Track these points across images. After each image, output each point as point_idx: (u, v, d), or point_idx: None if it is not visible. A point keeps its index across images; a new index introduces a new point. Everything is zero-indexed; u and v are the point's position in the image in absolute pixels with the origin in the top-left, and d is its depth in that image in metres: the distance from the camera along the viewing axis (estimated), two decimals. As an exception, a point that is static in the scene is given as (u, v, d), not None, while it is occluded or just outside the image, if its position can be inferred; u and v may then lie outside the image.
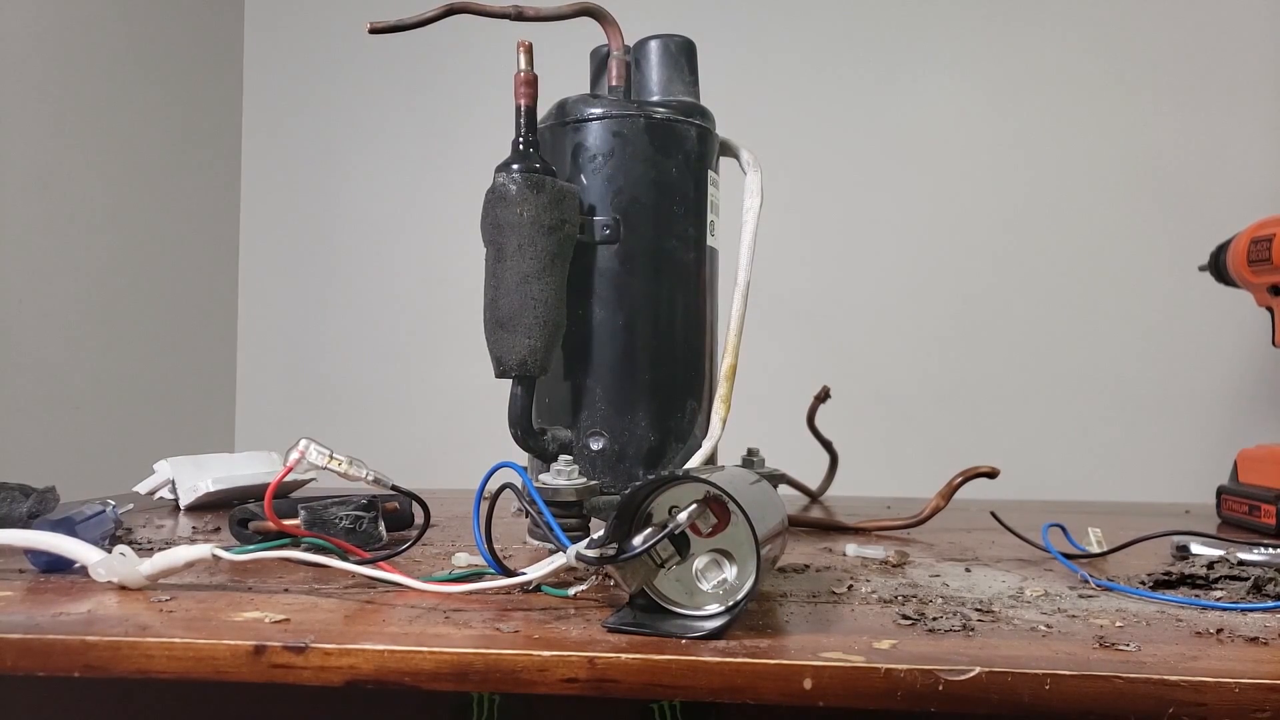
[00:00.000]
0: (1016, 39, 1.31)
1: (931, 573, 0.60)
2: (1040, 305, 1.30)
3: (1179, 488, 1.18)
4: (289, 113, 1.49)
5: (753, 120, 1.14)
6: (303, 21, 1.49)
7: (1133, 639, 0.44)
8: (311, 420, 1.45)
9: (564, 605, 0.49)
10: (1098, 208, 1.29)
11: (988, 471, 0.78)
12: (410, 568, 0.58)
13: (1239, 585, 0.54)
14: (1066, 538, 0.69)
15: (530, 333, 0.61)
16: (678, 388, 0.68)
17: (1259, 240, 0.90)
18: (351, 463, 0.56)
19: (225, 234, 1.48)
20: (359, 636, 0.42)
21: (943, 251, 1.32)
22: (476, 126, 1.41)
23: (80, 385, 1.20)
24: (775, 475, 0.79)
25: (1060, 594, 0.54)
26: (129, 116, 1.28)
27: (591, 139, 0.66)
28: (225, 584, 0.54)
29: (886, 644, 0.42)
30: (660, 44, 0.71)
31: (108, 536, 0.62)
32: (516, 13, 0.69)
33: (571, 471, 0.60)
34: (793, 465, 0.93)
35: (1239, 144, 1.26)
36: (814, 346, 1.33)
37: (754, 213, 0.70)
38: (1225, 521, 0.89)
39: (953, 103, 1.32)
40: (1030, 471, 1.22)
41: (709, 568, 0.47)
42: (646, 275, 0.66)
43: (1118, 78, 1.29)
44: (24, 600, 0.50)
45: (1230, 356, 1.25)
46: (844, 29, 1.35)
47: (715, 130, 0.71)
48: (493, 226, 0.62)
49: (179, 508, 0.87)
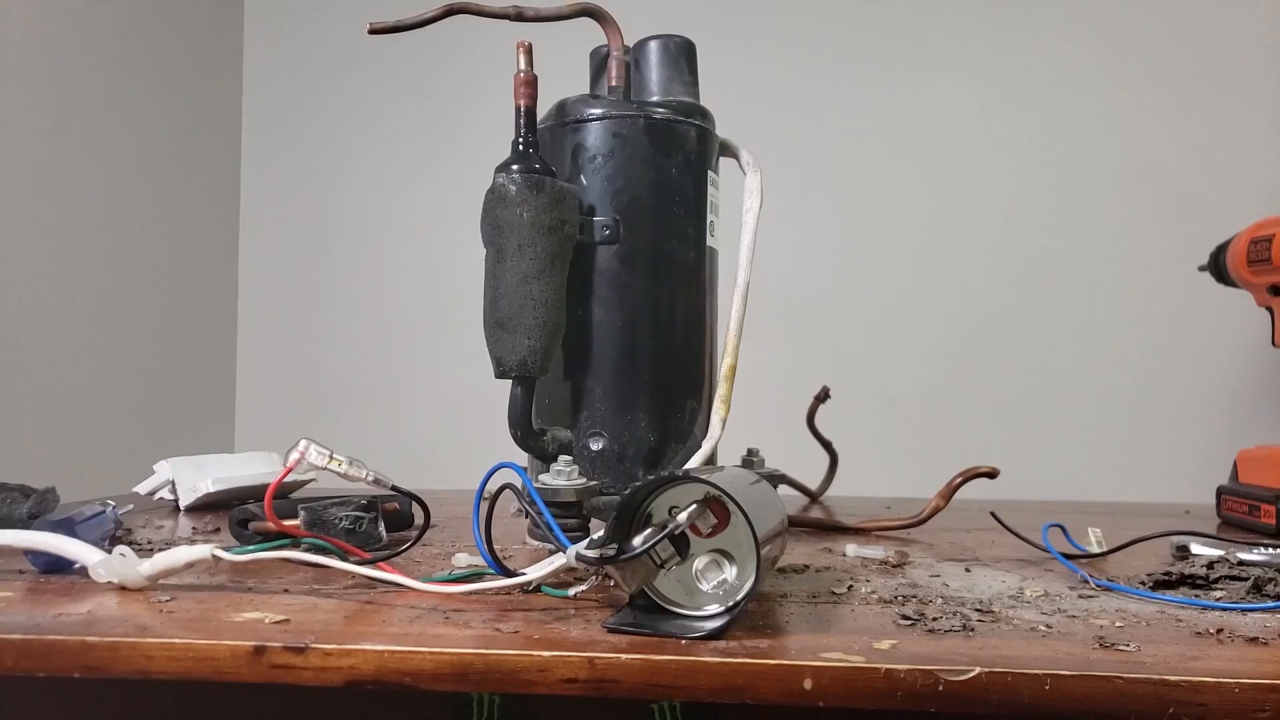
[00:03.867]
0: (1016, 40, 1.32)
1: (931, 573, 0.60)
2: (1040, 306, 1.30)
3: (1179, 488, 1.18)
4: (289, 113, 1.49)
5: (752, 120, 1.15)
6: (302, 22, 1.49)
7: (1133, 639, 0.44)
8: (311, 421, 1.45)
9: (564, 606, 0.49)
10: (1097, 208, 1.29)
11: (987, 472, 0.78)
12: (410, 568, 0.58)
13: (1239, 585, 0.54)
14: (1066, 538, 0.69)
15: (530, 333, 0.61)
16: (677, 388, 0.68)
17: (1259, 240, 0.90)
18: (351, 463, 0.56)
19: (225, 234, 1.48)
20: (359, 637, 0.43)
21: (942, 252, 1.32)
22: (476, 127, 1.41)
23: (80, 386, 1.20)
24: (775, 475, 0.79)
25: (1060, 594, 0.54)
26: (129, 118, 1.28)
27: (591, 139, 0.66)
28: (225, 584, 0.54)
29: (886, 644, 0.42)
30: (660, 44, 0.71)
31: (108, 537, 0.63)
32: (516, 13, 0.69)
33: (571, 472, 0.60)
34: (792, 465, 0.93)
35: (1239, 144, 1.26)
36: (814, 346, 1.33)
37: (754, 213, 0.70)
38: (1225, 521, 0.89)
39: (952, 103, 1.32)
40: (1030, 472, 1.22)
41: (709, 568, 0.47)
42: (646, 275, 0.66)
43: (1117, 78, 1.29)
44: (24, 601, 0.50)
45: (1230, 357, 1.25)
46: (844, 30, 1.35)
47: (715, 131, 0.71)
48: (492, 227, 0.62)
49: (179, 508, 0.87)
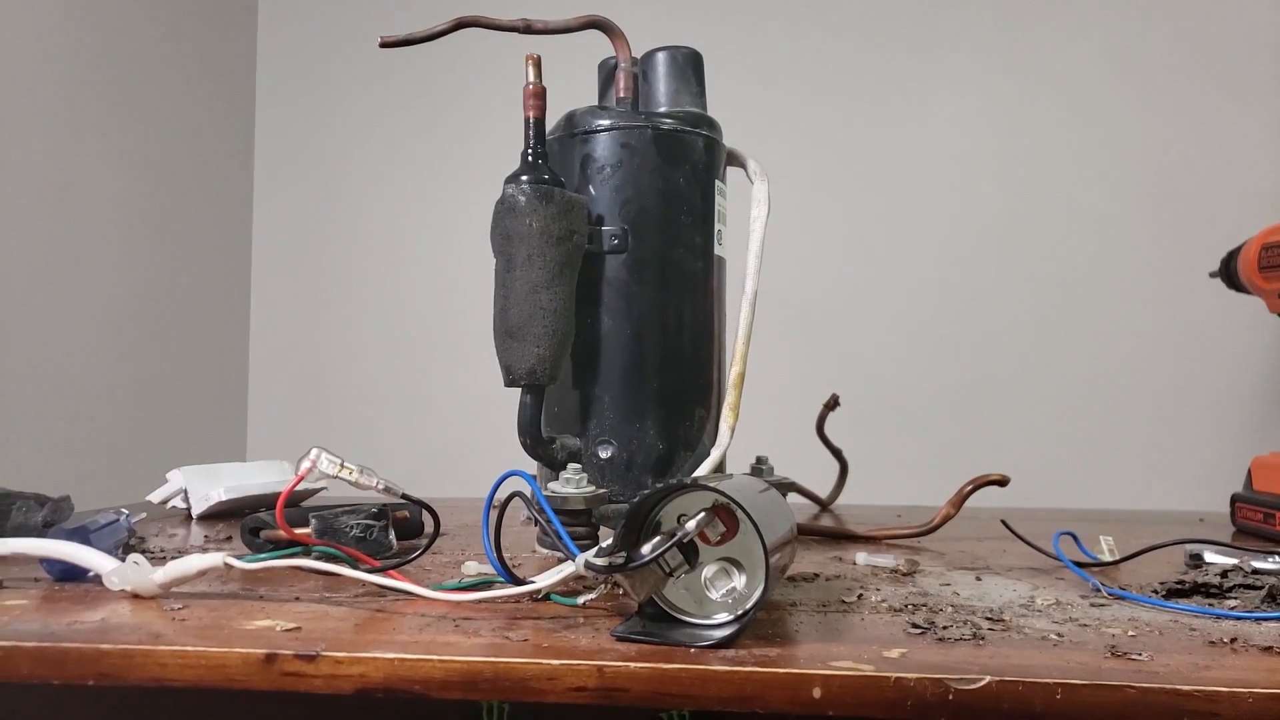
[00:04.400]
0: (1024, 48, 1.31)
1: (942, 581, 0.60)
2: (1051, 312, 1.29)
3: (1192, 495, 1.17)
4: (301, 125, 1.50)
5: (760, 130, 1.15)
6: (314, 36, 1.50)
7: (1145, 648, 0.44)
8: (322, 429, 1.45)
9: (573, 614, 0.50)
10: (1108, 214, 1.29)
11: (998, 479, 0.78)
12: (420, 576, 0.58)
13: (1253, 594, 0.54)
14: (1078, 546, 0.69)
15: (539, 341, 0.61)
16: (686, 396, 0.68)
17: (1270, 246, 0.89)
18: (362, 471, 0.56)
19: (237, 244, 1.49)
20: (369, 645, 0.43)
21: (950, 259, 1.32)
22: (485, 138, 1.42)
23: (94, 396, 1.21)
24: (784, 483, 0.79)
25: (1072, 603, 0.54)
26: (143, 130, 1.29)
27: (600, 150, 0.67)
28: (237, 592, 0.54)
29: (896, 653, 0.42)
30: (667, 55, 0.71)
31: (121, 545, 0.63)
32: (525, 26, 0.69)
33: (580, 480, 0.60)
34: (802, 473, 0.93)
35: (1249, 150, 1.25)
36: (822, 354, 1.33)
37: (761, 221, 0.71)
38: (1239, 529, 0.89)
39: (960, 111, 1.32)
40: (1041, 479, 1.22)
41: (718, 576, 0.47)
42: (654, 284, 0.67)
43: (1125, 85, 1.29)
44: (39, 609, 0.50)
45: (1243, 363, 1.25)
46: (851, 39, 1.35)
47: (722, 140, 0.71)
48: (502, 237, 0.62)
49: (191, 516, 0.87)
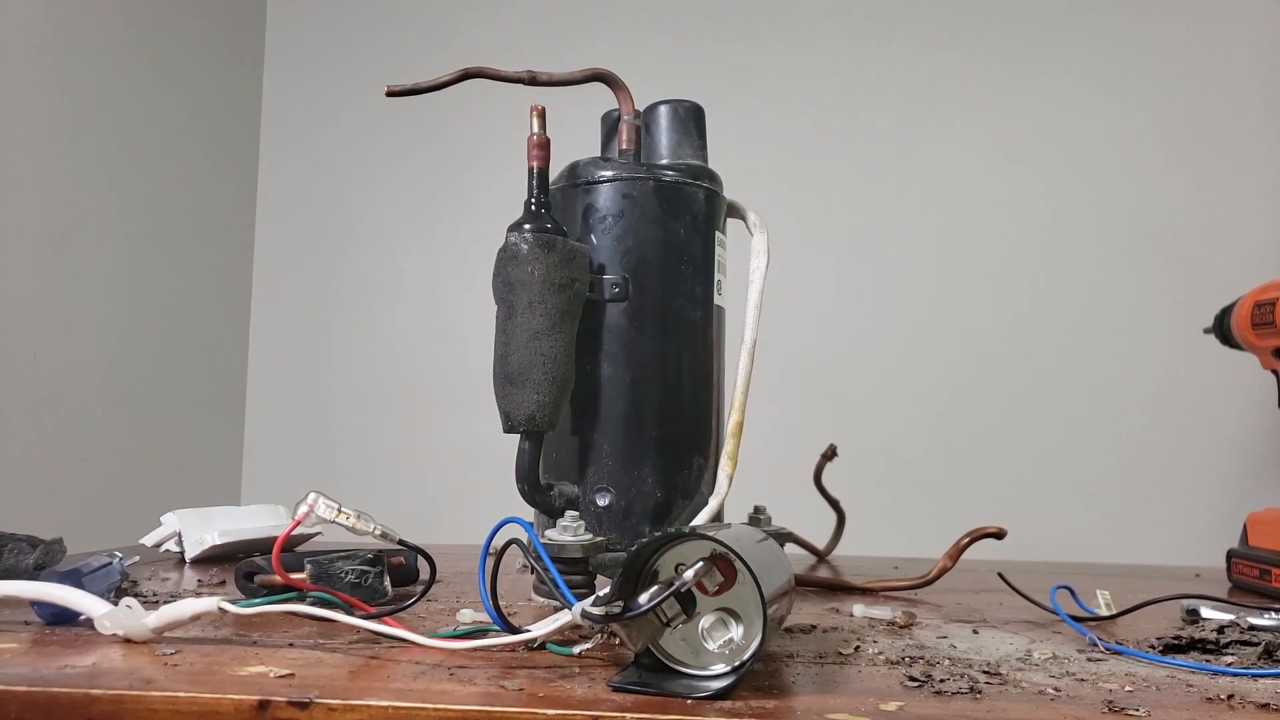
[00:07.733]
0: (1023, 104, 1.34)
1: (939, 634, 0.60)
2: (1048, 367, 1.30)
3: (1188, 551, 1.17)
4: (304, 172, 1.52)
5: (760, 182, 1.16)
6: (320, 86, 1.53)
7: (1142, 703, 0.43)
8: (318, 474, 1.45)
9: (569, 663, 0.49)
10: (1103, 270, 1.30)
11: (995, 532, 0.78)
12: (415, 623, 0.58)
13: (1250, 650, 0.54)
14: (1075, 600, 0.68)
15: (539, 388, 0.62)
16: (684, 444, 0.68)
17: (1262, 304, 0.91)
18: (359, 516, 0.56)
19: (237, 289, 1.50)
20: (363, 692, 0.42)
21: (948, 312, 1.33)
22: (489, 187, 1.44)
23: (88, 438, 1.21)
24: (782, 534, 0.79)
25: (1068, 657, 0.54)
26: (145, 172, 1.31)
27: (602, 200, 0.68)
28: (230, 638, 0.54)
29: (893, 705, 0.42)
30: (670, 109, 0.73)
31: (114, 589, 0.62)
32: (530, 77, 0.71)
33: (578, 527, 0.60)
34: (799, 524, 0.93)
35: (1244, 208, 1.27)
36: (821, 405, 1.33)
37: (760, 272, 0.71)
38: (1235, 585, 0.88)
39: (958, 167, 1.34)
40: (1038, 533, 1.21)
41: (715, 627, 0.46)
42: (654, 333, 0.67)
43: (1124, 143, 1.31)
44: (29, 652, 0.49)
45: (1237, 419, 1.25)
46: (852, 94, 1.38)
47: (722, 192, 0.72)
48: (504, 284, 0.63)
49: (185, 560, 0.87)
